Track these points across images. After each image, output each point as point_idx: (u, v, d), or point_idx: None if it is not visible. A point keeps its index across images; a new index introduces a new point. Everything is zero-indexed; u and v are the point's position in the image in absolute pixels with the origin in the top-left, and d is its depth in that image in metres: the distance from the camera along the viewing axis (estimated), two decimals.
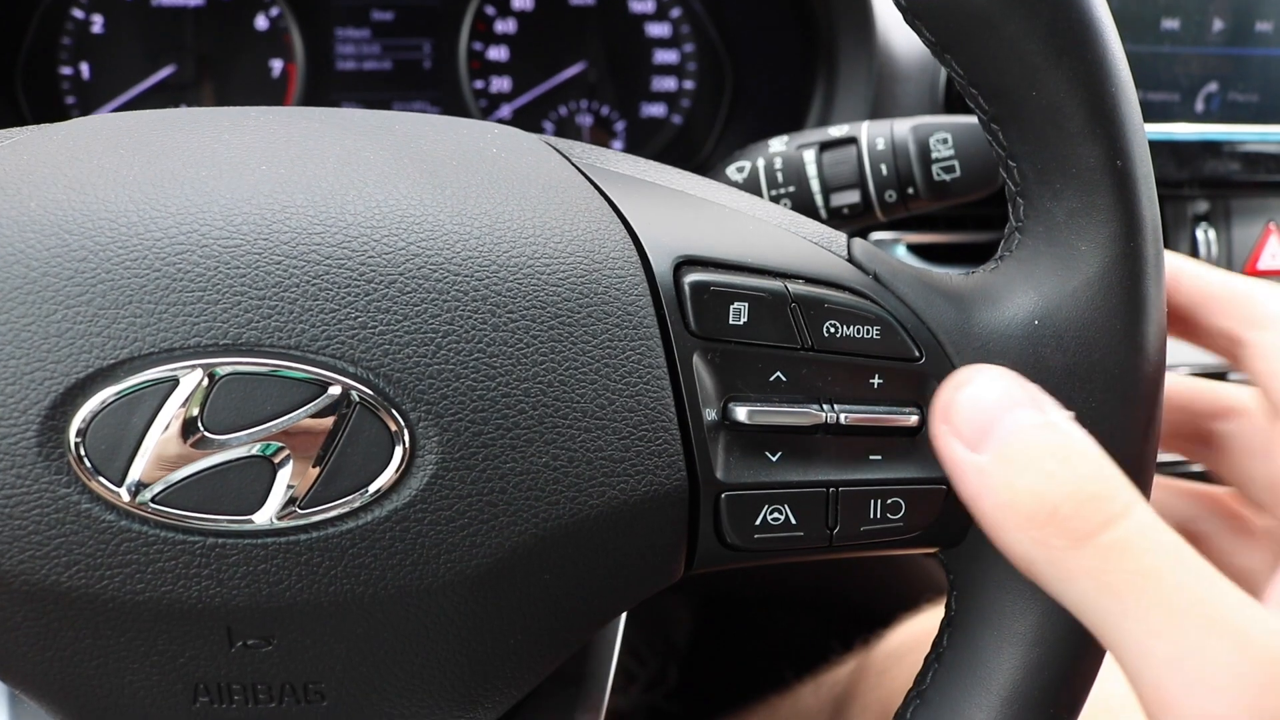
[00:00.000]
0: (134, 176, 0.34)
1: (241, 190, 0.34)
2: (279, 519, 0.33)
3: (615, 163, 0.39)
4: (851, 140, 0.56)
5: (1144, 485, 0.37)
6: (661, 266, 0.36)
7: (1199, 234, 0.85)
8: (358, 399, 0.33)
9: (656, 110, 0.96)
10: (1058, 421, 0.32)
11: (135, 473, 0.32)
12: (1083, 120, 0.34)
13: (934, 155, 0.55)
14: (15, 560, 0.33)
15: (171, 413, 0.32)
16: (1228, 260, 0.86)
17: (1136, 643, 0.30)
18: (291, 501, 0.33)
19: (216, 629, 0.34)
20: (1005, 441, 0.31)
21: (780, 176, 0.56)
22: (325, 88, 0.94)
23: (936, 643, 0.39)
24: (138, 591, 0.33)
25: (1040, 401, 0.32)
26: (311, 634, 0.34)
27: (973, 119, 0.57)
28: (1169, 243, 0.85)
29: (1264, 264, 0.87)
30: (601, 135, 0.96)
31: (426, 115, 0.40)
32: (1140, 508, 0.31)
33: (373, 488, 0.33)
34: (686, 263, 0.36)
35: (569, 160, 0.38)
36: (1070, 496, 0.30)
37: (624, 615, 0.49)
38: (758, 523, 0.36)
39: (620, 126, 0.96)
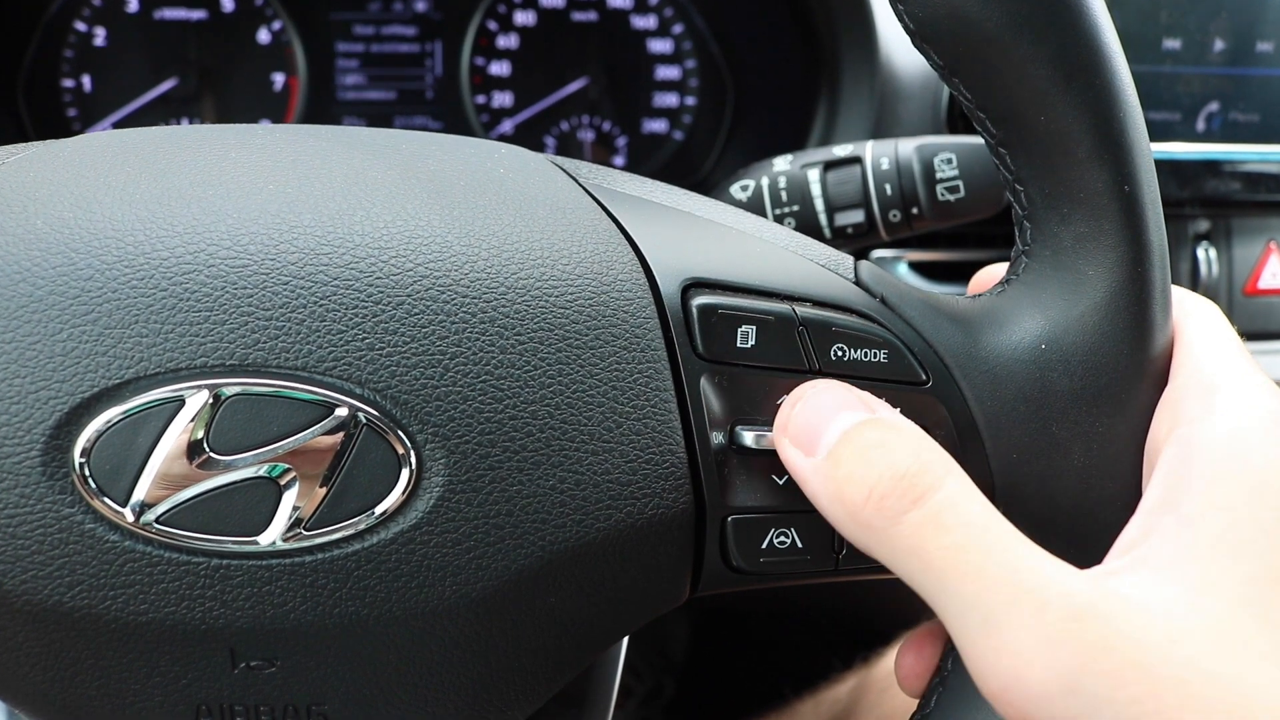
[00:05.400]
0: (141, 195, 0.34)
1: (249, 210, 0.34)
2: (284, 540, 0.33)
3: (622, 183, 0.39)
4: (856, 160, 0.57)
5: None
6: (669, 289, 0.36)
7: (1200, 253, 0.85)
8: (364, 420, 0.33)
9: (658, 126, 0.96)
10: (882, 416, 0.34)
11: (139, 493, 0.32)
12: (1090, 145, 0.34)
13: (938, 175, 0.55)
14: (18, 580, 0.32)
15: (177, 433, 0.32)
16: (1229, 279, 0.86)
17: (954, 613, 0.32)
18: (297, 523, 0.33)
19: (220, 650, 0.34)
20: (833, 441, 0.34)
21: (785, 195, 0.56)
22: (327, 102, 0.94)
23: (940, 665, 0.39)
24: (141, 612, 0.33)
25: (868, 402, 0.35)
26: (315, 656, 0.34)
27: (977, 139, 0.57)
28: (1170, 262, 0.85)
29: (1264, 283, 0.87)
30: (603, 151, 0.96)
31: (433, 134, 0.40)
32: (952, 482, 0.32)
33: (379, 510, 0.33)
34: (694, 285, 0.36)
35: (576, 181, 0.38)
36: (886, 478, 0.32)
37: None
38: (764, 546, 0.36)
39: (621, 142, 0.96)
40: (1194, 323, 0.37)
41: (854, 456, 0.33)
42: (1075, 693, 0.29)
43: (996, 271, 0.41)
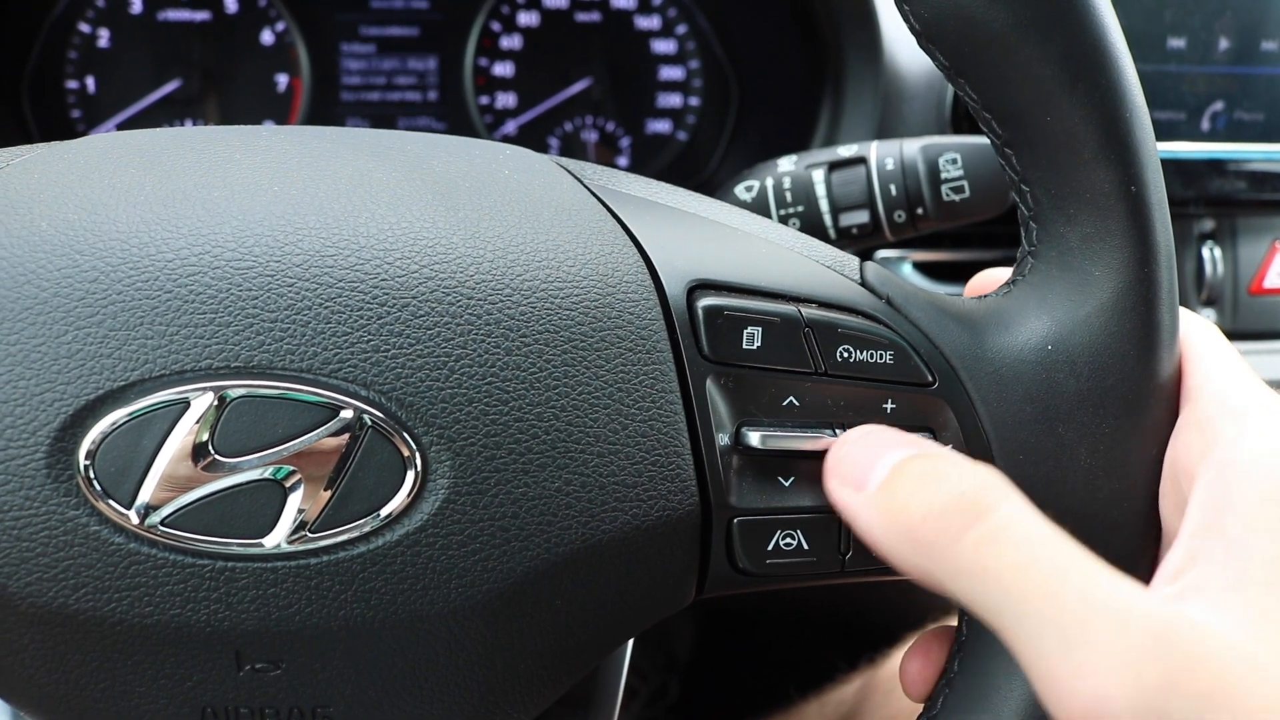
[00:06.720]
0: (145, 196, 0.34)
1: (254, 211, 0.34)
2: (289, 543, 0.33)
3: (627, 185, 0.39)
4: (860, 160, 0.56)
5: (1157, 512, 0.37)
6: (675, 290, 0.36)
7: (1205, 252, 0.85)
8: (370, 423, 0.33)
9: (662, 127, 0.96)
10: (931, 450, 0.34)
11: (145, 495, 0.32)
12: (1097, 145, 0.34)
13: (943, 175, 0.55)
14: (23, 582, 0.32)
15: (182, 435, 0.32)
16: (1233, 278, 0.86)
17: (1026, 632, 0.30)
18: (302, 525, 0.33)
19: (225, 652, 0.34)
20: (883, 474, 0.33)
21: (789, 196, 0.56)
22: (330, 103, 0.94)
23: (947, 668, 0.39)
24: (146, 614, 0.33)
25: (916, 440, 0.35)
26: (321, 658, 0.34)
27: (982, 139, 0.57)
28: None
29: (1270, 282, 0.87)
30: (606, 152, 0.96)
31: (438, 136, 0.40)
32: (1010, 501, 0.31)
33: (384, 512, 0.33)
34: (700, 286, 0.36)
35: (581, 182, 0.38)
36: (942, 500, 0.32)
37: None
38: (770, 548, 0.36)
39: (625, 143, 0.96)
40: (1199, 339, 0.37)
41: (908, 485, 0.32)
42: (1160, 714, 0.28)
43: (994, 275, 0.41)
